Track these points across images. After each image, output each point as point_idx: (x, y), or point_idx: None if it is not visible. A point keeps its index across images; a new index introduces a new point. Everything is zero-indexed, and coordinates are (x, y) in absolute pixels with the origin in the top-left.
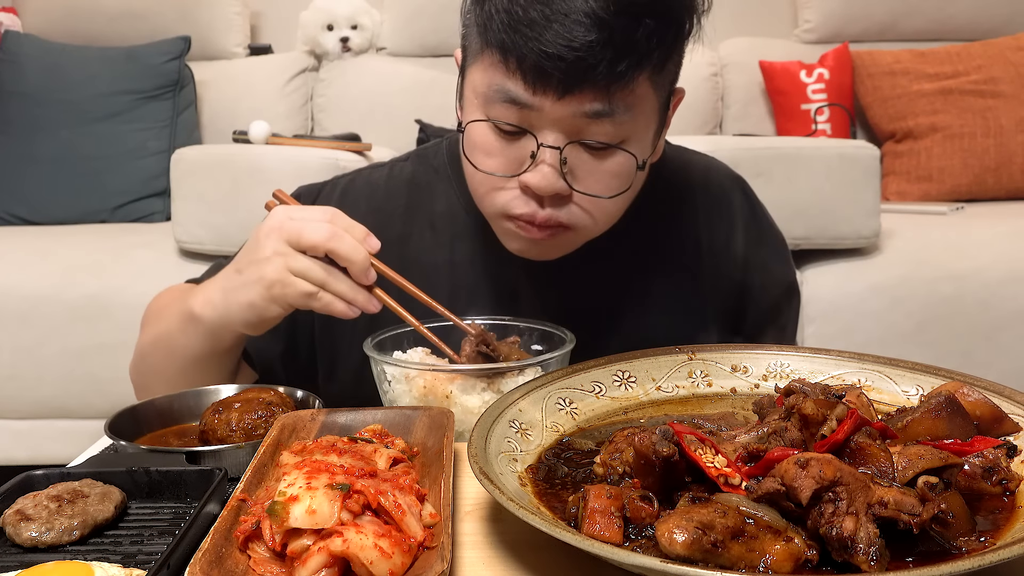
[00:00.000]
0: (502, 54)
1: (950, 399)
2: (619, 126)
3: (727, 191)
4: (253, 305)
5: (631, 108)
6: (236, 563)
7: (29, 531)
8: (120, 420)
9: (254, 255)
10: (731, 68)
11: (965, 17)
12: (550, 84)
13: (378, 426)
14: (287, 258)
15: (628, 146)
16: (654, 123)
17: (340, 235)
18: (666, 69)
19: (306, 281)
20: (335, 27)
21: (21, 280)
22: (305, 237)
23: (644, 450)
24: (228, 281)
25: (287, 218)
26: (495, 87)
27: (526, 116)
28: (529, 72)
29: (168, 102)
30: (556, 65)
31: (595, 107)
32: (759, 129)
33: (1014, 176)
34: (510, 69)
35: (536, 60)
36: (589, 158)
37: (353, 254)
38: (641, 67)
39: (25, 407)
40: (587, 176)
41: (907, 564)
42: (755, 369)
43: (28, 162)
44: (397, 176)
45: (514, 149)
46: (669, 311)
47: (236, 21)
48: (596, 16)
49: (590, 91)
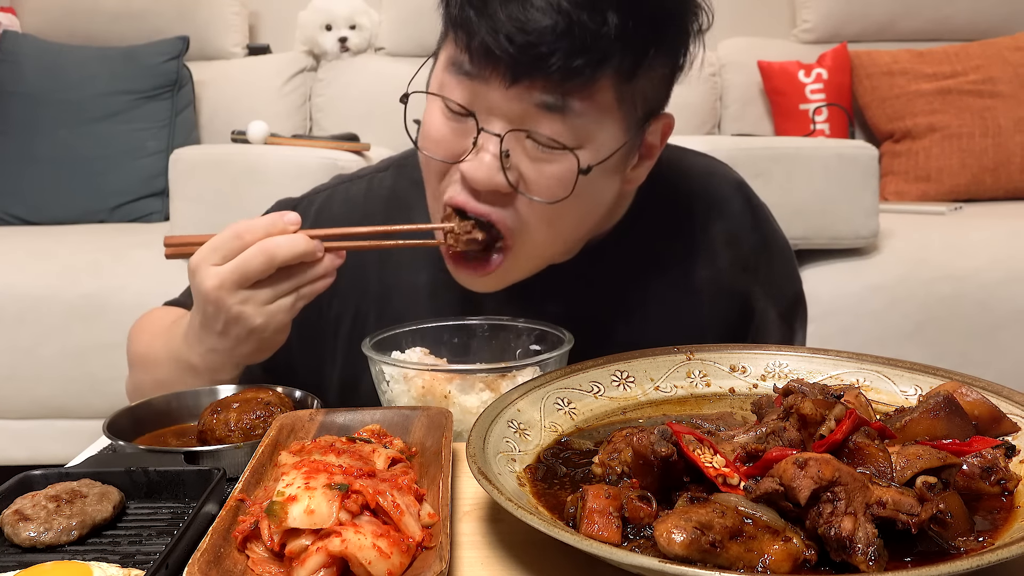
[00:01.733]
0: (454, 30)
1: (948, 399)
2: (571, 128)
3: (728, 198)
4: (261, 349)
5: (587, 112)
6: (234, 563)
7: (27, 531)
8: (118, 420)
9: (224, 316)
10: (729, 68)
11: (963, 17)
12: (498, 68)
13: (376, 426)
14: (252, 300)
15: (579, 152)
16: (616, 137)
17: (275, 247)
18: (637, 81)
19: (282, 300)
20: (333, 27)
21: (19, 280)
22: (250, 273)
23: (642, 450)
24: (219, 344)
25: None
26: (449, 60)
27: (474, 100)
28: (477, 52)
29: (166, 102)
30: (505, 48)
31: (546, 99)
32: (757, 129)
33: (1012, 176)
34: (460, 46)
35: (485, 40)
36: (535, 156)
37: (293, 250)
38: (602, 67)
39: (23, 407)
40: (528, 175)
41: (905, 564)
42: (753, 369)
43: (26, 162)
44: (376, 191)
45: (459, 136)
46: (668, 321)
47: (234, 21)
48: (555, 3)
49: (542, 81)
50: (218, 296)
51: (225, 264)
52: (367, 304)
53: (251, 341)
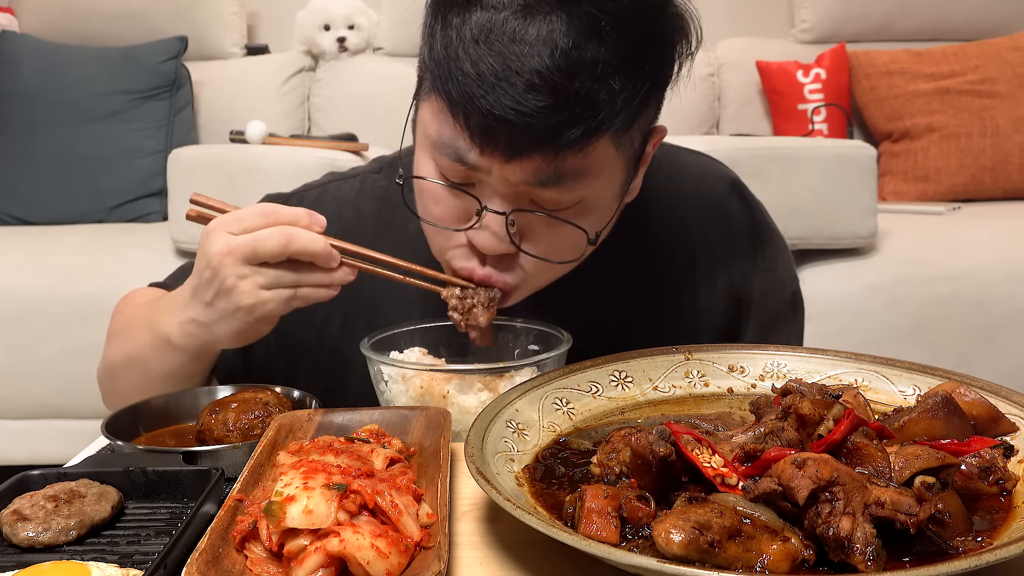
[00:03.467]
0: (450, 107)
1: (947, 399)
2: (571, 192)
3: (722, 195)
4: (241, 332)
5: (585, 174)
6: (233, 563)
7: (26, 531)
8: (117, 420)
9: (217, 285)
10: (728, 68)
11: (962, 17)
12: (497, 147)
13: (375, 426)
14: (253, 279)
15: (582, 210)
16: (618, 180)
17: (293, 235)
18: (635, 126)
19: (280, 290)
20: (332, 27)
21: (18, 280)
22: (262, 251)
23: (641, 450)
24: (202, 315)
25: (231, 235)
26: (443, 139)
27: (473, 175)
28: (475, 132)
29: (165, 102)
30: (504, 128)
31: (542, 175)
32: (756, 129)
33: (1011, 176)
34: (458, 124)
35: (483, 120)
36: (540, 222)
37: (311, 246)
38: (600, 131)
39: (22, 407)
40: (536, 238)
41: (904, 564)
42: (752, 369)
43: (25, 162)
44: (368, 191)
45: (461, 201)
46: (664, 321)
47: (233, 21)
48: (549, 78)
49: (539, 156)
50: (221, 262)
51: (242, 236)
52: (358, 307)
53: (233, 320)
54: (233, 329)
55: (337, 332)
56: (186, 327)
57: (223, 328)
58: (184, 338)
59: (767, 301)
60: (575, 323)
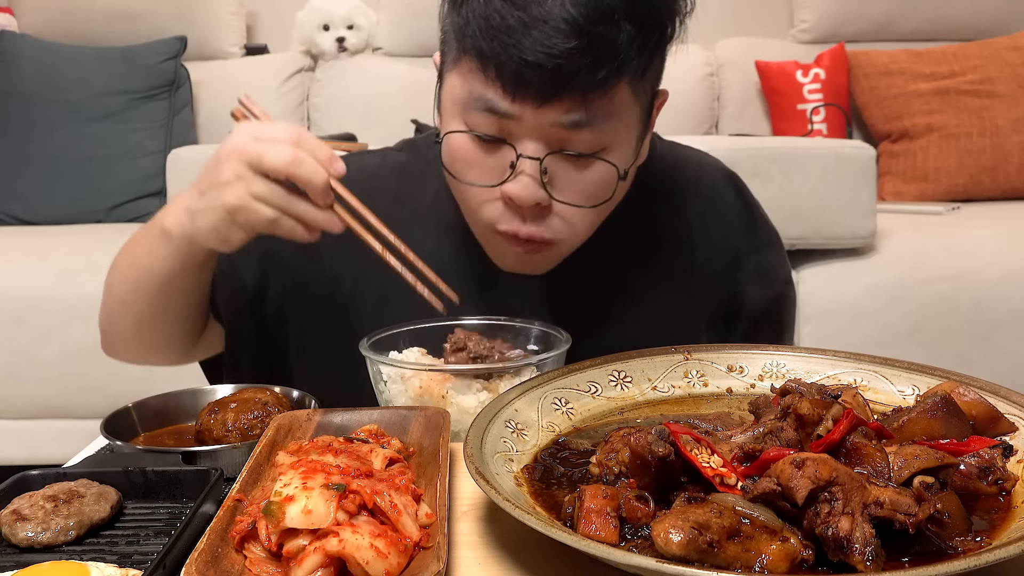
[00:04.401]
0: (480, 62)
1: (946, 399)
2: (599, 134)
3: (720, 189)
4: (216, 229)
5: (611, 116)
6: (232, 563)
7: (25, 531)
8: (116, 420)
9: (215, 176)
10: (727, 68)
11: (961, 17)
12: (529, 92)
13: (374, 426)
14: (247, 182)
15: (609, 154)
16: (636, 129)
17: (301, 159)
18: (647, 75)
19: (267, 206)
20: (331, 27)
21: (17, 280)
22: (266, 161)
23: (640, 450)
24: (192, 202)
25: (251, 138)
26: (473, 95)
27: (505, 125)
28: (508, 80)
29: (164, 102)
30: (535, 73)
31: (573, 117)
32: (755, 129)
33: (1010, 176)
34: (488, 77)
35: (515, 68)
36: (570, 167)
37: (314, 177)
38: (621, 74)
39: (21, 407)
40: (568, 186)
41: (903, 564)
42: (751, 369)
43: (24, 162)
44: (389, 164)
45: (494, 158)
46: (660, 309)
47: (232, 21)
48: (575, 22)
49: (569, 99)
50: (228, 156)
51: (259, 141)
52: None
53: (213, 214)
54: (210, 223)
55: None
56: (179, 215)
57: (203, 220)
58: (174, 226)
59: (760, 292)
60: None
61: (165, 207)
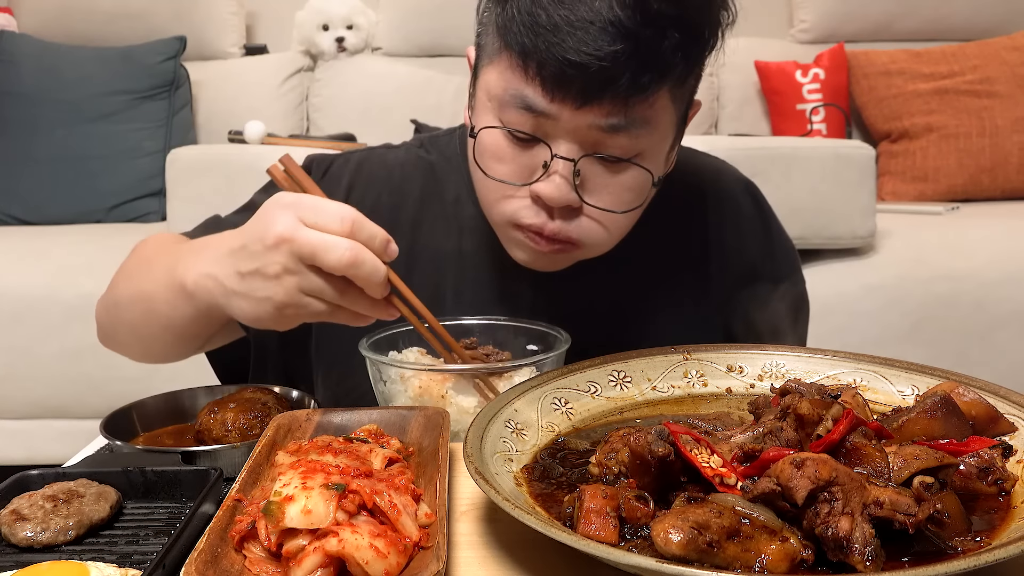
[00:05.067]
0: (522, 58)
1: (945, 399)
2: (635, 140)
3: (738, 197)
4: (260, 319)
5: (649, 122)
6: (231, 563)
7: (25, 531)
8: (115, 420)
9: (260, 264)
10: (726, 68)
11: (961, 17)
12: (569, 93)
13: (374, 426)
14: (300, 279)
15: (643, 160)
16: (670, 137)
17: (361, 260)
18: (687, 83)
19: (320, 302)
20: (330, 27)
21: (16, 280)
22: (322, 260)
23: (640, 450)
24: (229, 280)
25: (301, 224)
26: (511, 92)
27: (541, 124)
28: (549, 79)
29: (164, 102)
30: (578, 73)
31: (612, 120)
32: (754, 129)
33: (1009, 176)
34: (529, 75)
35: (557, 67)
36: (603, 171)
37: (372, 276)
38: (664, 80)
39: (21, 407)
40: (600, 190)
41: (903, 564)
42: (751, 369)
43: (24, 162)
44: (413, 160)
45: (527, 157)
46: (675, 317)
47: (232, 21)
48: (622, 25)
49: (609, 103)
50: (277, 246)
51: (312, 231)
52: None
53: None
54: (251, 311)
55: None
56: (206, 281)
57: (242, 304)
58: (200, 290)
59: (774, 302)
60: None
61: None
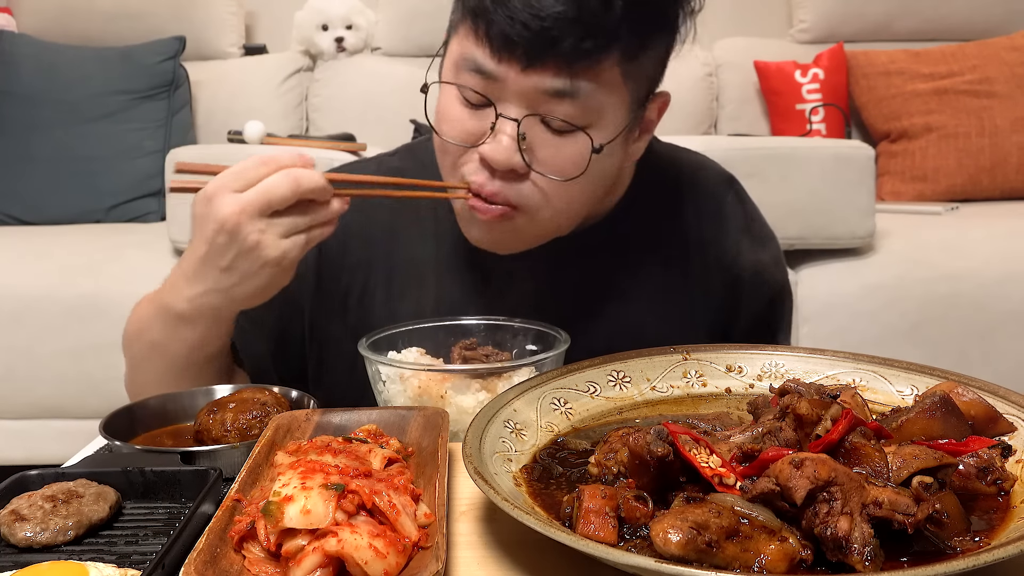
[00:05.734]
0: (472, 20)
1: (945, 399)
2: (581, 108)
3: (718, 190)
4: (264, 288)
5: (596, 92)
6: (231, 563)
7: (24, 531)
8: (115, 420)
9: (237, 246)
10: (726, 68)
11: (960, 17)
12: (514, 54)
13: (373, 426)
14: (272, 228)
15: (590, 131)
16: (622, 114)
17: (300, 175)
18: (640, 60)
19: (297, 235)
20: (330, 27)
21: (16, 280)
22: (275, 199)
23: (639, 450)
24: (219, 281)
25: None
26: (465, 55)
27: (491, 87)
28: (495, 39)
29: (163, 102)
30: (521, 33)
31: (557, 84)
32: (754, 129)
33: (1009, 176)
34: (479, 37)
35: (502, 27)
36: (549, 137)
37: (318, 181)
38: (608, 49)
39: (20, 407)
40: (544, 155)
41: (902, 564)
42: (750, 369)
43: (23, 162)
44: (384, 170)
45: (477, 119)
46: (657, 309)
47: (231, 21)
48: None
49: (553, 65)
50: (237, 222)
51: (250, 190)
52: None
53: (261, 276)
54: (257, 286)
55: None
56: (199, 300)
57: (245, 288)
58: (197, 311)
59: (757, 293)
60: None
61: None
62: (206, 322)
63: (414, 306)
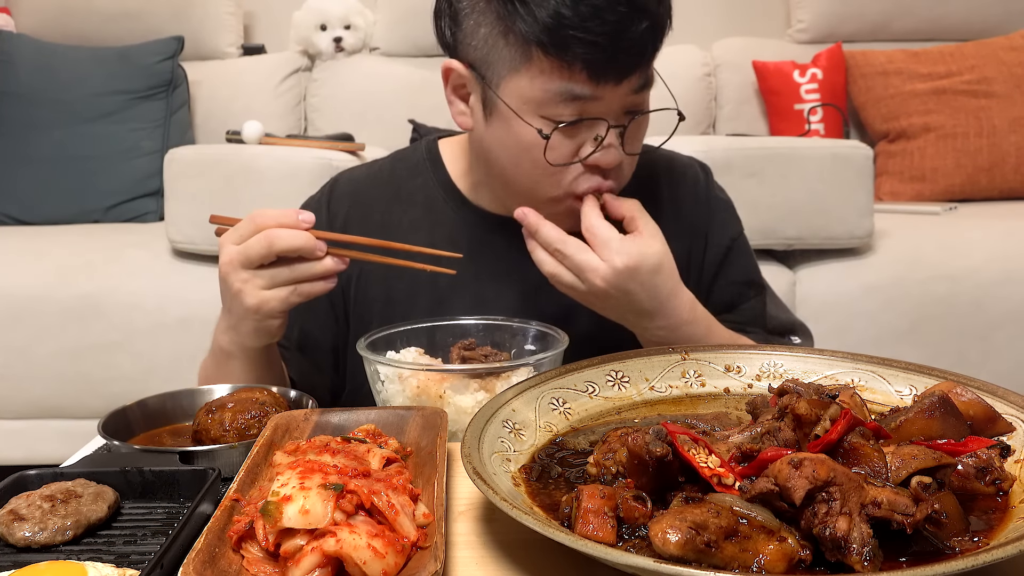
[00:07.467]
0: (557, 57)
1: (943, 399)
2: (649, 92)
3: (687, 169)
4: (256, 331)
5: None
6: (229, 563)
7: (22, 531)
8: (113, 420)
9: (229, 292)
10: (724, 68)
11: (958, 17)
12: (610, 74)
13: (371, 426)
14: (253, 281)
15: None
16: None
17: (276, 235)
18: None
19: (277, 288)
20: (328, 27)
21: (14, 280)
22: (252, 255)
23: (637, 450)
24: (226, 321)
25: (232, 246)
26: (554, 90)
27: (587, 106)
28: (592, 67)
29: (161, 102)
30: (613, 55)
31: (640, 82)
32: (752, 129)
33: (1007, 176)
34: (573, 70)
35: (594, 56)
36: (635, 124)
37: (295, 240)
38: (665, 36)
39: (18, 407)
40: (633, 140)
41: (900, 564)
42: (748, 369)
43: (21, 162)
44: (376, 172)
45: (575, 137)
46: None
47: (229, 21)
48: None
49: (640, 68)
50: (226, 271)
51: (237, 245)
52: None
53: (248, 321)
54: (250, 329)
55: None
56: (226, 334)
57: (244, 329)
58: (229, 345)
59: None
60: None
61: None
62: (239, 355)
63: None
